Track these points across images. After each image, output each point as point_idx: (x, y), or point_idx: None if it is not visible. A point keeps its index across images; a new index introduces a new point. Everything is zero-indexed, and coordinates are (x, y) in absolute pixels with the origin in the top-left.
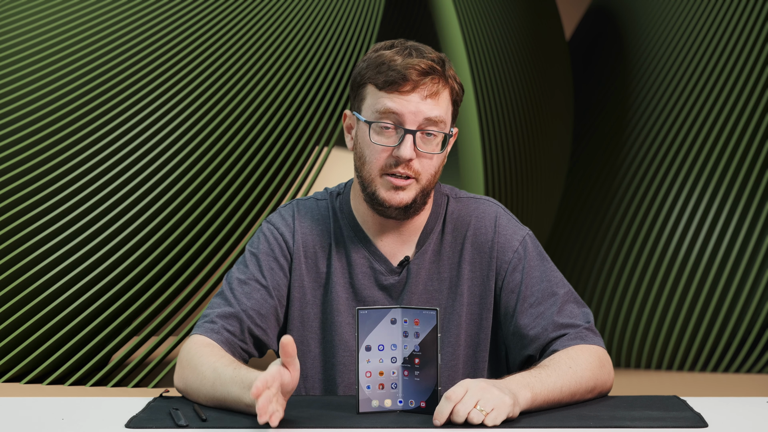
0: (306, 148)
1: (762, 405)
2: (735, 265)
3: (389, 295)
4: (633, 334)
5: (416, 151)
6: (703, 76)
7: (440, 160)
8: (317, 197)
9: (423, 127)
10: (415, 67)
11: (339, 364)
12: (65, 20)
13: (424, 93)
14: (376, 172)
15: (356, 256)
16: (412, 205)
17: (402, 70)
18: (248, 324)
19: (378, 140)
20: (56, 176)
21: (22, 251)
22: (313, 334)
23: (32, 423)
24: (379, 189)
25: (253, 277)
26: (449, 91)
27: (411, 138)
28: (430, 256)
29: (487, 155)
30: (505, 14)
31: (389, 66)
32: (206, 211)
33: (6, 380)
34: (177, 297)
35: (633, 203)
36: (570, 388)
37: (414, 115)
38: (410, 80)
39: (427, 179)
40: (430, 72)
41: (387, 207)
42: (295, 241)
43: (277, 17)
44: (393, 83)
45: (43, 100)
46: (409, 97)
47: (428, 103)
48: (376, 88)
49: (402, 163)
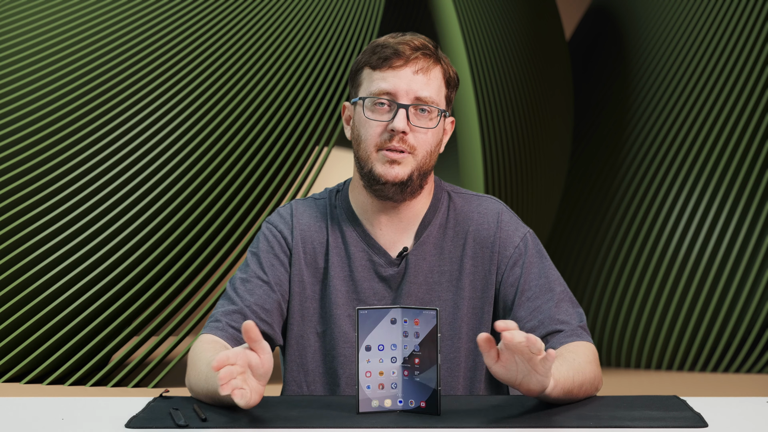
0: (306, 148)
1: (762, 405)
2: (735, 265)
3: (388, 286)
4: (633, 334)
5: (410, 126)
6: (703, 76)
7: (435, 137)
8: (315, 197)
9: (415, 103)
10: (408, 43)
11: (340, 356)
12: (65, 20)
13: (416, 68)
14: (372, 148)
15: (354, 249)
16: (408, 182)
17: (395, 45)
18: (253, 319)
19: (373, 116)
20: (56, 176)
21: (22, 251)
22: (313, 329)
23: (32, 423)
24: (375, 164)
25: (254, 275)
26: (441, 72)
27: (404, 111)
28: (432, 249)
29: (487, 155)
30: (505, 14)
31: (383, 46)
32: (206, 211)
33: (6, 380)
34: (177, 297)
35: (633, 203)
36: (579, 379)
37: (406, 92)
38: (402, 55)
39: (423, 156)
40: (422, 48)
41: (383, 183)
42: (293, 237)
43: (277, 17)
44: (386, 59)
45: (43, 100)
46: (402, 72)
47: (419, 80)
48: (371, 69)
49: (396, 136)
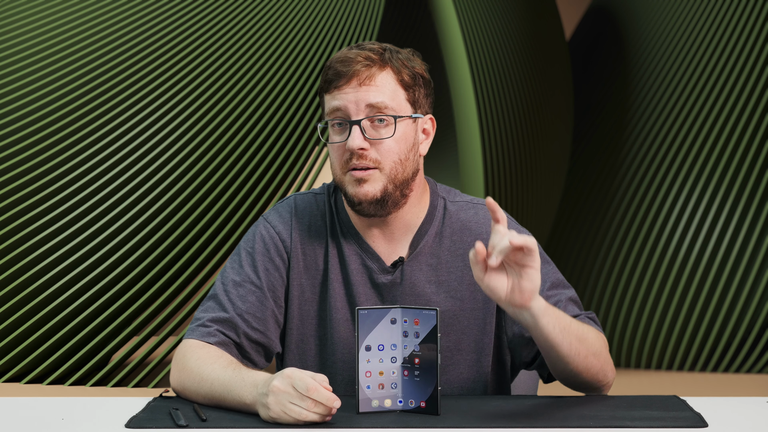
0: (306, 148)
1: (762, 405)
2: (735, 265)
3: (381, 294)
4: (633, 334)
5: (367, 141)
6: (703, 76)
7: (402, 143)
8: (316, 192)
9: (369, 115)
10: (347, 60)
11: (339, 362)
12: (65, 20)
13: (359, 81)
14: (340, 171)
15: (350, 252)
16: (385, 197)
17: (337, 67)
18: (244, 329)
19: (335, 139)
20: (56, 176)
21: (22, 251)
22: (312, 332)
23: (32, 423)
24: (347, 186)
25: (248, 279)
26: (392, 74)
27: (357, 128)
28: (428, 259)
29: (487, 155)
30: (505, 14)
31: (329, 68)
32: (206, 210)
33: (6, 380)
34: (177, 297)
35: (633, 203)
36: (578, 333)
37: (355, 104)
38: (344, 74)
39: (391, 167)
40: (363, 60)
41: (358, 203)
42: (292, 239)
43: (277, 17)
44: (331, 82)
45: (43, 100)
46: (347, 89)
47: (365, 91)
48: (325, 93)
49: (356, 155)
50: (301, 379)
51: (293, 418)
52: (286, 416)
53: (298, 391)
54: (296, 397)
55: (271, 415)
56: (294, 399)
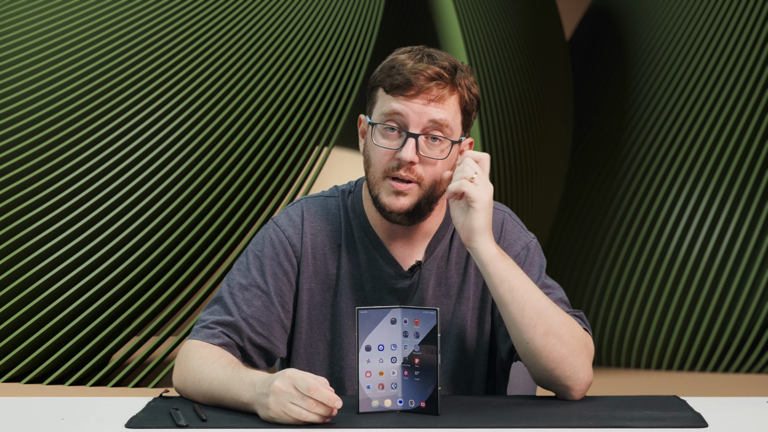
0: (306, 148)
1: (762, 405)
2: (735, 265)
3: (398, 299)
4: (633, 334)
5: (419, 156)
6: (703, 76)
7: (445, 166)
8: (326, 194)
9: (428, 131)
10: (422, 72)
11: (348, 367)
12: (65, 20)
13: (429, 98)
14: (380, 175)
15: (367, 258)
16: (415, 210)
17: (408, 74)
18: (248, 333)
19: (382, 142)
20: (56, 176)
21: (22, 251)
22: (322, 337)
23: (32, 423)
24: (381, 192)
25: (254, 283)
26: (458, 99)
27: (413, 141)
28: (439, 261)
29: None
30: (505, 14)
31: (398, 70)
32: (206, 210)
33: (6, 380)
34: (177, 297)
35: (633, 203)
36: (537, 305)
37: (418, 116)
38: (415, 85)
39: (430, 185)
40: (436, 78)
41: (388, 212)
42: (303, 243)
43: (277, 17)
44: (398, 87)
45: (43, 100)
46: (413, 101)
47: (433, 107)
48: (384, 92)
49: (404, 166)
50: (303, 379)
51: (293, 418)
52: (286, 416)
53: (300, 391)
54: (297, 398)
55: (270, 415)
56: (295, 399)
